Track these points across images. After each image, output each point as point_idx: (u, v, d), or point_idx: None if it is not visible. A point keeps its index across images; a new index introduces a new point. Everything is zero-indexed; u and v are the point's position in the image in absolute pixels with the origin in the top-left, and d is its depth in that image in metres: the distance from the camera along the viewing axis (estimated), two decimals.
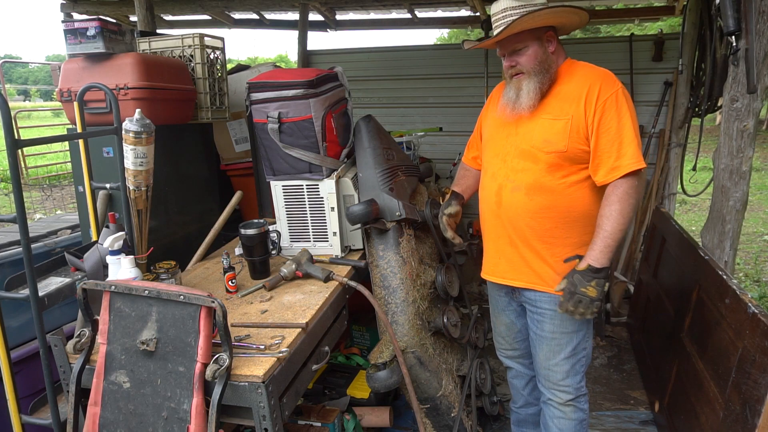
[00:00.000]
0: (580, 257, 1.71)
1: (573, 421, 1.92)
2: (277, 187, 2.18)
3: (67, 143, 5.07)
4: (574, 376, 1.87)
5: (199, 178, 2.72)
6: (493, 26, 1.75)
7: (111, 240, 1.68)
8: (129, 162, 1.79)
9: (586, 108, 1.66)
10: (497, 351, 2.19)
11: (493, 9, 1.74)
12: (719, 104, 3.25)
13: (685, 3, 3.61)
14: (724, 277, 1.93)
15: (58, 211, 6.80)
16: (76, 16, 4.54)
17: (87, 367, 1.49)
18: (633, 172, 1.63)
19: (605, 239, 1.64)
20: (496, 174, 1.84)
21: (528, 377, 2.15)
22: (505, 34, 1.69)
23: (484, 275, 2.02)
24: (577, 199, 1.73)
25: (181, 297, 1.36)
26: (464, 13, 4.88)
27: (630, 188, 1.63)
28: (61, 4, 4.51)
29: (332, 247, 2.18)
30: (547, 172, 1.72)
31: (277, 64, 3.55)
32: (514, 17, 1.66)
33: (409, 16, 4.86)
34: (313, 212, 2.16)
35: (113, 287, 1.44)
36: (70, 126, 2.39)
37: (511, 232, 1.82)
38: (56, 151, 10.10)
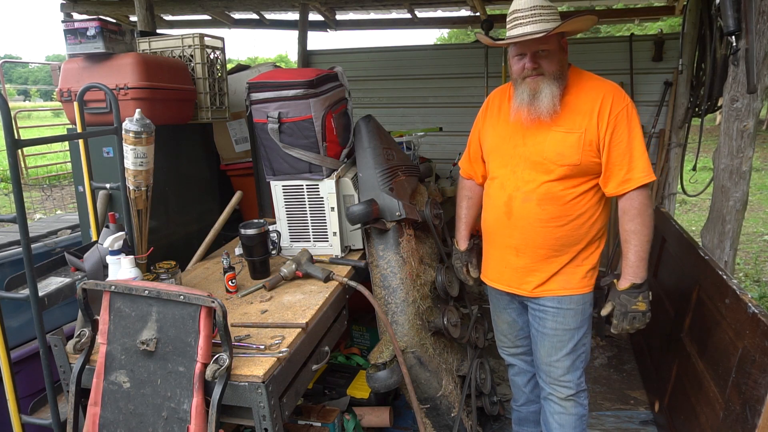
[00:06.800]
0: (614, 276, 1.75)
1: (573, 416, 1.93)
2: (277, 187, 2.18)
3: (67, 143, 5.07)
4: (574, 371, 1.90)
5: (199, 178, 2.72)
6: (514, 23, 1.67)
7: (111, 240, 1.68)
8: (129, 162, 1.79)
9: (599, 122, 1.68)
10: (499, 349, 2.20)
11: (518, 4, 1.66)
12: (719, 104, 3.24)
13: (685, 3, 3.61)
14: (724, 277, 1.92)
15: (58, 211, 6.79)
16: (76, 16, 4.54)
17: (87, 367, 1.49)
18: (644, 185, 1.67)
19: (638, 253, 1.69)
20: (504, 184, 1.84)
21: (530, 374, 2.16)
22: (544, 36, 1.62)
23: (487, 282, 2.04)
24: (584, 206, 1.76)
25: (181, 297, 1.36)
26: (464, 13, 4.88)
27: (645, 199, 1.68)
28: (61, 4, 4.51)
29: (332, 247, 2.17)
30: (558, 183, 1.74)
31: (277, 64, 3.55)
32: (545, 17, 1.63)
33: (409, 16, 4.86)
34: (313, 212, 2.16)
35: (113, 287, 1.44)
36: (70, 126, 2.39)
37: (519, 242, 1.83)
38: (56, 151, 10.10)
